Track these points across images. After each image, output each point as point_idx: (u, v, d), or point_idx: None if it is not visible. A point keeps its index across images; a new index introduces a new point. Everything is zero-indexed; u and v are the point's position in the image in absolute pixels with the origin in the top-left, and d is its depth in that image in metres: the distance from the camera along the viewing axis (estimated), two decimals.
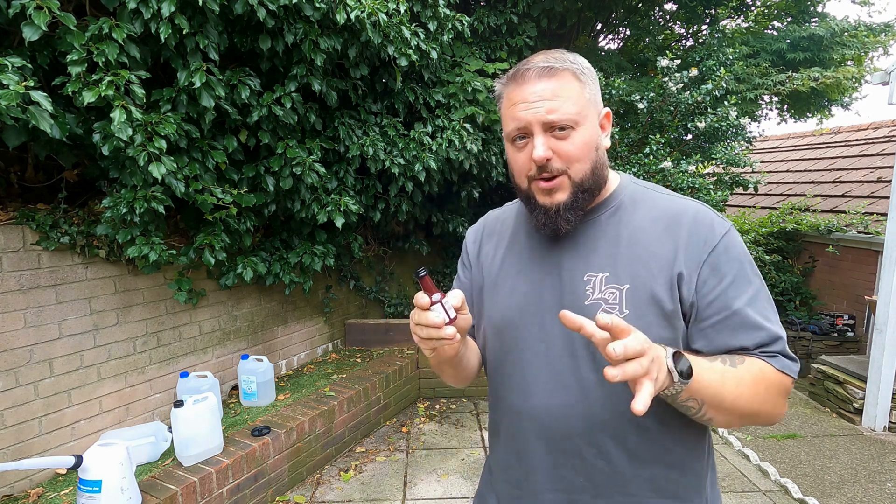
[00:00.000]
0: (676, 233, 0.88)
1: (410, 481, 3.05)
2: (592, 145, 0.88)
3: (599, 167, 0.90)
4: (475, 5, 5.09)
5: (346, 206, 3.25)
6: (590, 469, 0.90)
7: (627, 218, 0.92)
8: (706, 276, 0.85)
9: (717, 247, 0.86)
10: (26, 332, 2.31)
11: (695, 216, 0.89)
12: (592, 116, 0.89)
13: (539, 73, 0.85)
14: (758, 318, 0.86)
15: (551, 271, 0.94)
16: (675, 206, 0.92)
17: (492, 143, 4.22)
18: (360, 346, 4.44)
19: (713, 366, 0.80)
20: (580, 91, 0.87)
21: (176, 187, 2.42)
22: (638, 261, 0.88)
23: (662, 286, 0.86)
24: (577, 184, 0.88)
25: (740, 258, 0.87)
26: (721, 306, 0.85)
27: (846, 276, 5.50)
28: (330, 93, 3.10)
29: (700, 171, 4.40)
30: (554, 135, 0.85)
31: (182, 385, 2.86)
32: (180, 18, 2.24)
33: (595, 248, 0.91)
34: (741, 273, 0.87)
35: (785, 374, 0.86)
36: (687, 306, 0.86)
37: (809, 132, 8.75)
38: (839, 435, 3.67)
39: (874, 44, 5.72)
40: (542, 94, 0.84)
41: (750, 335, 0.85)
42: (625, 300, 0.87)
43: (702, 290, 0.86)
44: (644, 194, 0.95)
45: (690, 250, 0.86)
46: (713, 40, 5.15)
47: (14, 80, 1.83)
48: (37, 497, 2.27)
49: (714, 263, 0.86)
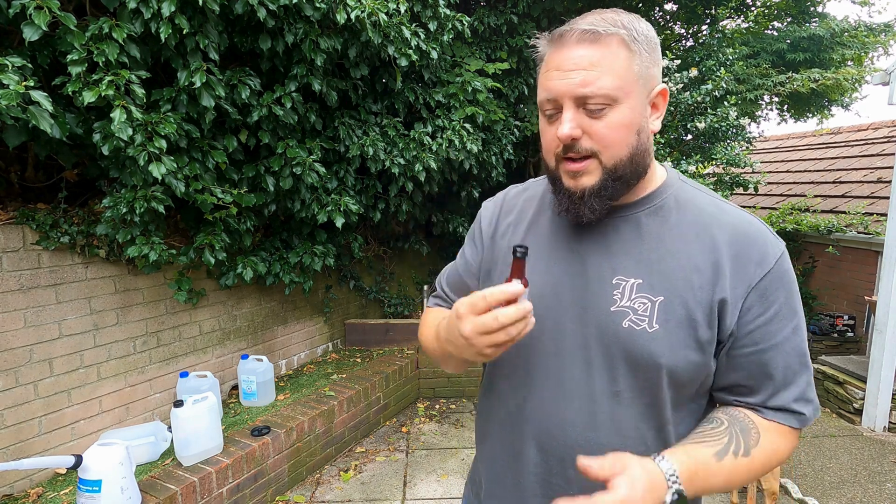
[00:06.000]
0: (726, 248, 0.77)
1: (410, 481, 3.05)
2: (633, 128, 0.75)
3: (640, 154, 0.77)
4: (475, 5, 5.09)
5: (346, 206, 3.25)
6: (583, 483, 0.75)
7: (671, 221, 0.80)
8: (752, 303, 0.76)
9: (770, 271, 0.76)
10: (26, 332, 2.31)
11: (747, 232, 0.78)
12: (639, 93, 0.75)
13: (580, 36, 0.72)
14: (791, 361, 0.78)
15: (574, 267, 0.83)
16: (727, 216, 0.80)
17: (492, 143, 4.23)
18: (359, 346, 4.45)
19: (720, 464, 0.73)
20: (628, 62, 0.73)
21: (176, 187, 2.42)
22: (678, 272, 0.77)
23: (702, 308, 0.76)
24: (609, 170, 0.76)
25: (789, 286, 0.78)
26: (760, 337, 0.77)
27: (846, 277, 5.50)
28: (330, 93, 3.11)
29: (700, 171, 4.40)
30: (587, 111, 0.73)
31: (182, 385, 2.86)
32: (180, 18, 2.24)
33: (629, 249, 0.80)
34: (789, 304, 0.78)
35: (799, 430, 0.81)
36: (725, 335, 0.77)
37: (809, 132, 8.75)
38: (839, 435, 3.67)
39: (874, 44, 5.73)
40: (578, 63, 0.72)
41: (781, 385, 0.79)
42: (656, 314, 0.77)
43: (744, 318, 0.77)
44: (693, 196, 0.83)
45: (739, 273, 0.76)
46: (713, 40, 5.15)
47: (14, 80, 1.83)
48: (37, 497, 2.27)
49: (764, 290, 0.76)
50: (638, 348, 0.77)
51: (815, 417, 0.81)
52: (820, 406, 0.89)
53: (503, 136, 4.29)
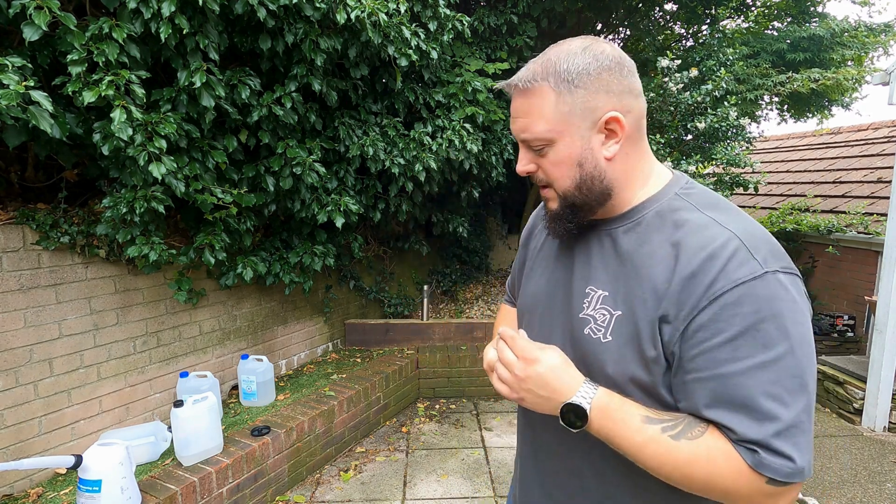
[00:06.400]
0: (684, 266, 0.74)
1: (410, 481, 3.05)
2: (573, 161, 0.81)
3: (588, 182, 0.82)
4: (475, 5, 5.09)
5: (346, 206, 3.25)
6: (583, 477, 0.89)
7: (644, 237, 0.82)
8: (699, 326, 0.72)
9: (725, 293, 0.70)
10: (26, 332, 2.32)
11: (715, 251, 0.73)
12: (577, 129, 0.80)
13: (515, 90, 0.83)
14: (751, 395, 0.69)
15: (565, 273, 0.92)
16: (704, 232, 0.76)
17: (492, 144, 4.23)
18: (359, 346, 4.45)
19: (641, 427, 0.74)
20: (555, 105, 0.79)
21: (176, 187, 2.42)
22: (637, 291, 0.79)
23: (647, 325, 0.76)
24: (562, 198, 0.85)
25: (762, 317, 0.69)
26: (704, 364, 0.71)
27: (846, 277, 5.50)
28: (330, 93, 3.11)
29: (700, 172, 4.40)
30: (534, 150, 0.84)
31: (182, 385, 2.86)
32: (180, 18, 2.24)
33: (606, 263, 0.85)
34: (753, 335, 0.69)
35: (760, 475, 0.69)
36: (669, 355, 0.75)
37: (809, 132, 8.75)
38: (839, 435, 3.67)
39: (874, 44, 5.72)
40: (517, 112, 0.83)
41: (730, 414, 0.70)
42: (612, 326, 0.80)
43: (690, 341, 0.72)
44: (680, 211, 0.80)
45: (688, 291, 0.73)
46: (713, 40, 5.15)
47: (14, 80, 1.83)
48: (37, 497, 2.27)
49: (715, 314, 0.71)
50: (591, 356, 0.83)
51: (794, 479, 0.68)
52: (807, 470, 0.69)
53: (503, 136, 4.29)
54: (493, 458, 3.32)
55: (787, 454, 0.68)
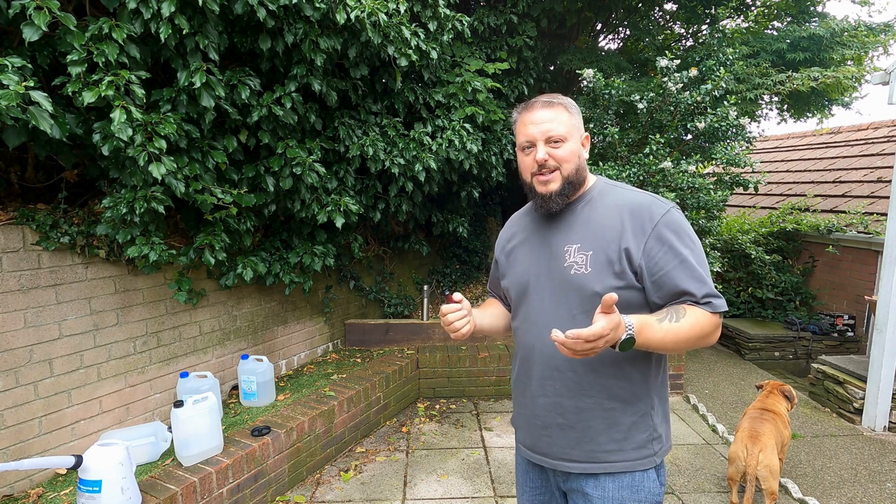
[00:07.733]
0: (626, 217, 1.26)
1: (410, 481, 3.05)
2: (576, 154, 1.31)
3: (581, 169, 1.32)
4: (475, 5, 5.10)
5: (346, 206, 3.25)
6: (565, 379, 1.30)
7: (596, 205, 1.32)
8: (652, 245, 1.23)
9: (657, 225, 1.24)
10: (26, 332, 2.32)
11: (639, 205, 1.27)
12: (576, 136, 1.32)
13: (542, 104, 1.30)
14: (696, 271, 1.22)
15: (545, 244, 1.36)
16: (628, 197, 1.30)
17: (492, 143, 4.23)
18: (360, 346, 4.45)
19: (660, 326, 1.15)
20: (569, 119, 1.30)
21: (176, 187, 2.42)
22: (599, 235, 1.27)
23: (614, 252, 1.24)
24: (566, 178, 1.30)
25: (678, 231, 1.24)
26: (666, 262, 1.22)
27: (846, 276, 5.50)
28: (330, 93, 3.11)
29: (700, 171, 4.39)
30: (550, 145, 1.28)
31: (182, 385, 2.86)
32: (180, 18, 2.24)
33: (573, 227, 1.32)
34: (682, 239, 1.24)
35: (714, 314, 1.21)
36: (636, 267, 1.23)
37: (809, 132, 8.76)
38: (839, 435, 3.67)
39: (874, 44, 5.71)
40: (543, 118, 1.28)
41: (691, 283, 1.21)
42: (588, 262, 1.26)
43: (649, 254, 1.23)
44: (611, 190, 1.35)
45: (636, 230, 1.24)
46: (713, 40, 5.14)
47: (14, 80, 1.83)
48: (37, 497, 2.27)
49: (658, 236, 1.23)
50: (580, 284, 1.26)
51: (723, 308, 1.22)
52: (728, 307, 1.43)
53: (503, 135, 4.29)
54: (494, 458, 3.32)
55: (719, 296, 1.23)
